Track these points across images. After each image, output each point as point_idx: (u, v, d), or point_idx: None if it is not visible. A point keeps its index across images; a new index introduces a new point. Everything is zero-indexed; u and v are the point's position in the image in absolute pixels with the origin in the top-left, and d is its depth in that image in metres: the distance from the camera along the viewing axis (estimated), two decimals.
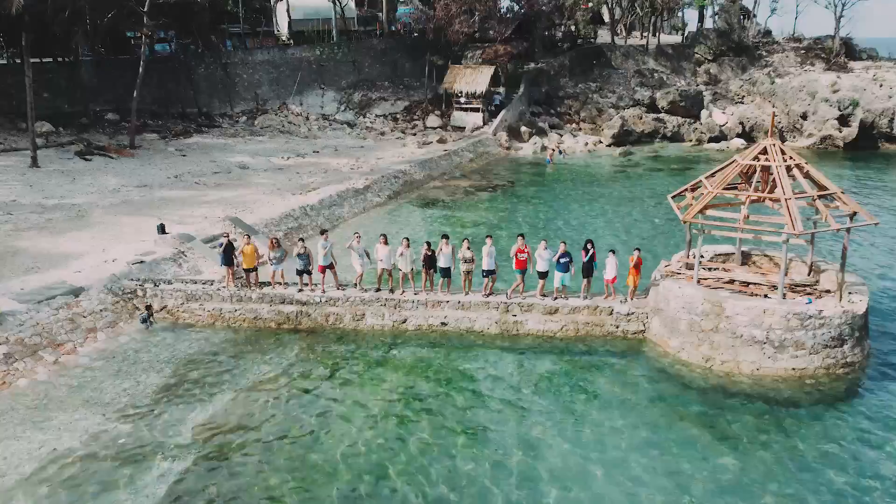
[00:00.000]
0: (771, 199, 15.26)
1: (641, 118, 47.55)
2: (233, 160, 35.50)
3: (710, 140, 46.77)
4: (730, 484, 11.62)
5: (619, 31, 67.30)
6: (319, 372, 15.53)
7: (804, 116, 46.10)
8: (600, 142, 46.14)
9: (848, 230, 15.31)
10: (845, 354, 14.70)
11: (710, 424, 13.42)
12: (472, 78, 47.04)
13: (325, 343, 16.86)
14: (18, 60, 40.06)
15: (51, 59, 39.81)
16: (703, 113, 48.75)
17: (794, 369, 14.55)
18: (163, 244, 21.05)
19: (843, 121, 44.26)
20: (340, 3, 49.13)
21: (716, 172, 16.42)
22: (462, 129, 45.92)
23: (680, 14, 70.11)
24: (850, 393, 14.42)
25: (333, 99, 47.92)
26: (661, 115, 48.21)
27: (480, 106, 46.46)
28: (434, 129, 45.95)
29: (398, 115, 47.70)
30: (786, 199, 14.53)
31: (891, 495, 11.33)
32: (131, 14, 36.20)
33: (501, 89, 48.62)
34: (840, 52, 52.97)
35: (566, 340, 16.67)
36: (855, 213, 15.11)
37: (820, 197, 15.14)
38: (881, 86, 44.53)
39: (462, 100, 46.89)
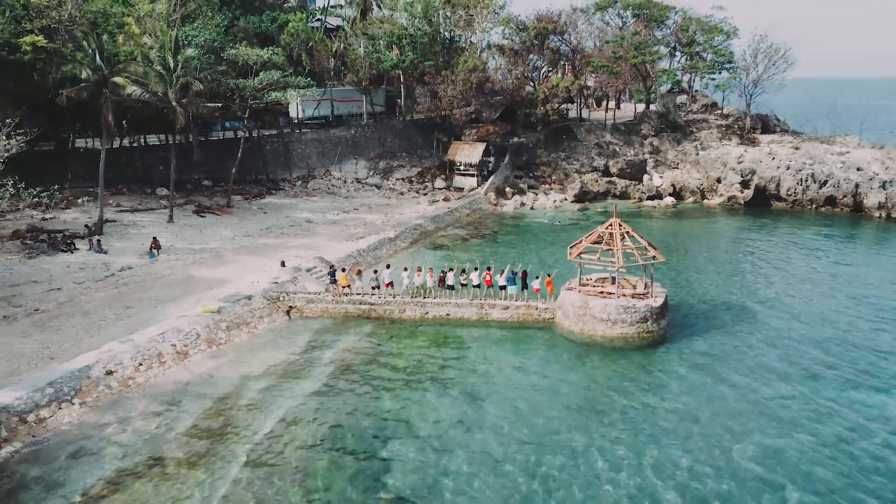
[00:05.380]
0: (611, 249, 30.03)
1: (597, 181, 62.79)
2: (300, 216, 50.57)
3: (649, 198, 61.85)
4: (587, 381, 26.16)
5: (590, 105, 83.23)
6: (383, 337, 30.19)
7: (719, 180, 61.27)
8: (565, 199, 61.14)
9: (654, 265, 30.09)
10: (648, 327, 29.33)
11: (580, 358, 27.97)
12: (468, 151, 62.52)
13: (385, 324, 31.58)
14: (143, 142, 55.73)
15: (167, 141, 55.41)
16: (646, 177, 63.96)
17: (621, 334, 29.16)
18: (284, 273, 35.90)
19: (745, 185, 59.39)
20: (370, 95, 65.02)
21: (589, 234, 31.28)
22: (461, 189, 61.11)
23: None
24: (647, 346, 28.94)
25: (364, 166, 63.34)
26: (613, 179, 63.47)
27: (475, 172, 61.80)
28: (440, 189, 61.16)
29: (413, 179, 63.01)
30: (617, 249, 29.38)
31: (657, 386, 25.81)
32: (232, 116, 51.83)
33: (491, 158, 64.01)
34: (756, 128, 68.36)
35: (513, 323, 31.35)
36: (654, 256, 29.88)
37: (637, 248, 29.95)
38: (773, 158, 59.71)
39: (461, 167, 62.25)
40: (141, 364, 25.81)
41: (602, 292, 30.66)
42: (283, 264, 36.50)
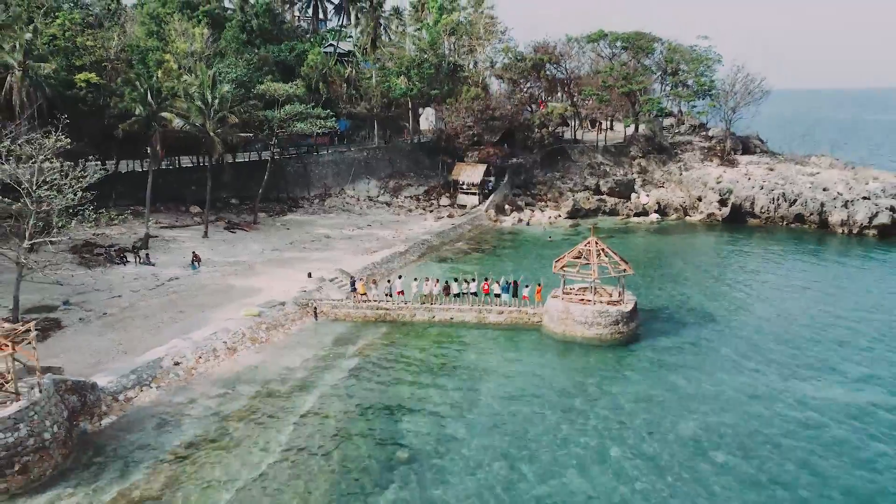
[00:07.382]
0: (588, 263, 35.68)
1: (589, 199, 68.52)
2: (319, 231, 56.34)
3: (636, 215, 67.52)
4: (566, 371, 31.79)
5: (584, 126, 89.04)
6: (396, 336, 35.87)
7: (699, 199, 66.95)
8: (559, 215, 66.83)
9: (624, 276, 35.75)
10: (619, 329, 34.95)
11: (561, 354, 33.60)
12: (471, 171, 68.36)
13: (398, 326, 37.27)
14: (178, 164, 61.66)
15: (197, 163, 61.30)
16: (633, 195, 69.67)
17: (597, 335, 34.78)
18: (310, 282, 41.64)
19: (723, 203, 65.04)
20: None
21: (571, 250, 36.97)
22: (464, 206, 66.89)
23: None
24: (618, 344, 34.53)
25: (376, 185, 69.23)
26: (603, 196, 69.19)
27: (477, 191, 67.62)
28: (445, 206, 66.96)
29: (420, 197, 68.86)
30: (593, 263, 35.06)
31: (622, 375, 31.40)
32: (260, 142, 57.90)
33: (492, 178, 69.84)
34: (736, 149, 74.01)
35: (507, 325, 37.01)
36: (625, 269, 35.52)
37: (611, 262, 35.60)
38: (749, 178, 65.38)
39: (464, 186, 68.07)
40: (200, 357, 31.54)
41: (582, 299, 36.31)
42: (309, 275, 42.27)
